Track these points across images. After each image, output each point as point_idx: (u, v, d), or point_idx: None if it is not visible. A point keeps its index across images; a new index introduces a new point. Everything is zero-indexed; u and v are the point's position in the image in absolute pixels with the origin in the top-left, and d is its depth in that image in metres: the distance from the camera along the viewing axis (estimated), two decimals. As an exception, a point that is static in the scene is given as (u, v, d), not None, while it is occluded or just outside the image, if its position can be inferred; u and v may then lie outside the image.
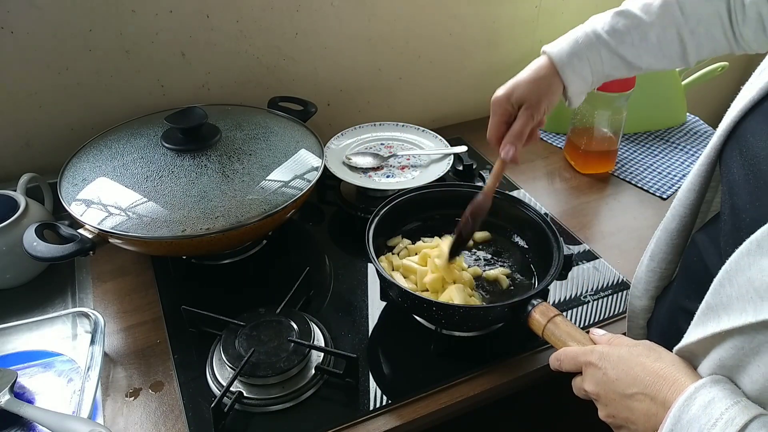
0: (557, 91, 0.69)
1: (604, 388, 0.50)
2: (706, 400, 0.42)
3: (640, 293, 0.64)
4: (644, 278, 0.63)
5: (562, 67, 0.68)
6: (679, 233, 0.58)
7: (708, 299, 0.45)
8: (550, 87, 0.69)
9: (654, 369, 0.47)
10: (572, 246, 0.89)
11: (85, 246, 0.70)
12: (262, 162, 0.80)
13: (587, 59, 0.68)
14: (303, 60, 1.04)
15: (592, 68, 0.68)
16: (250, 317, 0.70)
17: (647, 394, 0.46)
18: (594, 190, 1.03)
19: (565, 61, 0.68)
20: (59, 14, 0.85)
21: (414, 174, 0.95)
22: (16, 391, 0.64)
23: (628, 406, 0.47)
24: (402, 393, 0.66)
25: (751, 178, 0.45)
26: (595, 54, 0.68)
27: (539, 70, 0.69)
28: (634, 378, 0.47)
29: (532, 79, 0.69)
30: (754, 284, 0.40)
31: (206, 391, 0.66)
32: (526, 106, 0.68)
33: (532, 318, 0.63)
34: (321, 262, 0.87)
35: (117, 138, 0.84)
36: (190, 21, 0.93)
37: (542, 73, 0.69)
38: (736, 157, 0.48)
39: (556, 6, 1.20)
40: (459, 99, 1.24)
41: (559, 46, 0.69)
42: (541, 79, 0.68)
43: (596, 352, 0.51)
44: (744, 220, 0.44)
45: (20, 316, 0.74)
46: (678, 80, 1.15)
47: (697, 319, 0.46)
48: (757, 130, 0.47)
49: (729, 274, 0.43)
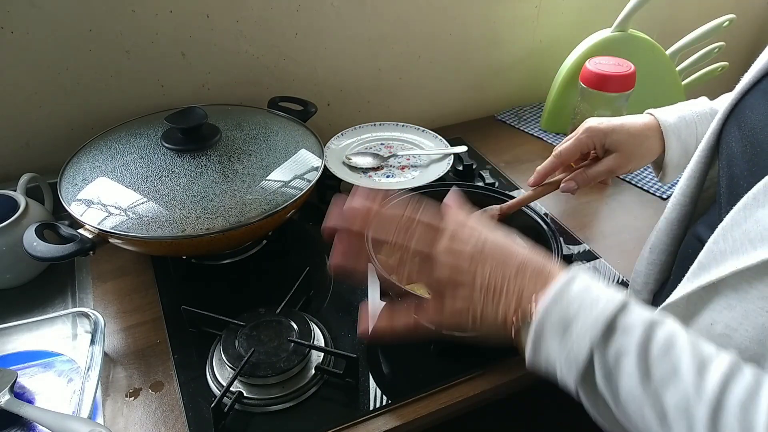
0: (652, 155, 0.67)
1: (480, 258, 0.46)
2: (584, 282, 0.43)
3: (640, 287, 0.64)
4: (644, 271, 0.63)
5: (666, 130, 0.65)
6: (679, 223, 0.58)
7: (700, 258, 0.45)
8: (647, 144, 0.66)
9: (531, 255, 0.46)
10: (572, 246, 0.89)
11: (85, 246, 0.70)
12: (262, 162, 0.80)
13: (695, 128, 0.65)
14: (303, 60, 1.04)
15: (698, 139, 0.64)
16: (250, 317, 0.70)
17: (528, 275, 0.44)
18: (594, 190, 1.03)
19: (671, 123, 0.65)
20: (59, 14, 0.85)
21: (414, 174, 0.95)
22: (16, 391, 0.64)
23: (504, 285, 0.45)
24: (402, 393, 0.66)
25: (749, 148, 0.46)
26: (704, 125, 0.65)
27: (644, 127, 0.66)
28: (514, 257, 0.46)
29: (633, 131, 0.66)
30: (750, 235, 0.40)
31: (206, 391, 0.66)
32: (617, 156, 0.66)
33: None
34: (321, 262, 0.87)
35: (117, 138, 0.84)
36: (190, 21, 0.93)
37: (645, 131, 0.66)
38: (735, 132, 0.49)
39: (556, 6, 1.20)
40: (459, 99, 1.24)
41: (667, 110, 0.67)
42: (640, 134, 0.66)
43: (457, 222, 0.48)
44: (741, 186, 0.44)
45: (20, 316, 0.74)
46: (678, 80, 1.15)
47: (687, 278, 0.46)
48: (756, 105, 0.48)
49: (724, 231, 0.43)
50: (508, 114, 1.26)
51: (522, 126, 1.22)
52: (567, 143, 0.69)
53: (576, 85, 1.03)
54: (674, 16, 1.35)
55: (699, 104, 0.68)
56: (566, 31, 1.24)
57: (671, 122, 0.66)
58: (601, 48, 1.08)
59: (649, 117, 0.67)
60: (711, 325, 0.44)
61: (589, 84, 0.99)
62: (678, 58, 1.15)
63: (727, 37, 1.15)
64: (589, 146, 0.68)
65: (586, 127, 0.68)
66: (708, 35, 1.11)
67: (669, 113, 0.67)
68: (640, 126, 0.66)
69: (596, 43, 1.09)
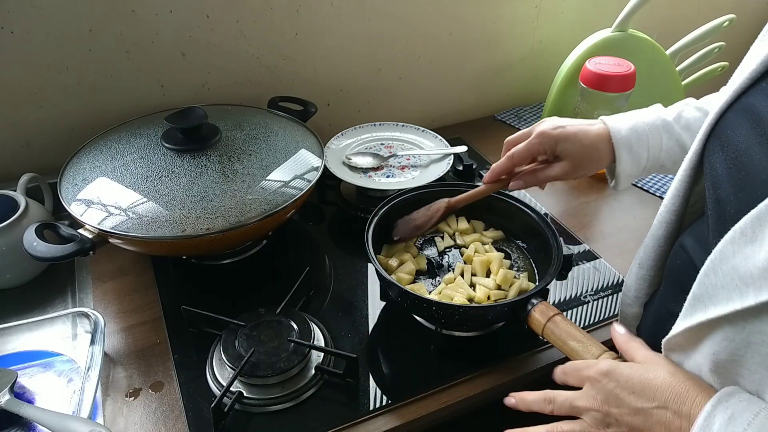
0: (602, 165, 0.67)
1: (616, 402, 0.49)
2: (726, 417, 0.42)
3: (631, 300, 0.64)
4: (634, 286, 0.63)
5: (617, 142, 0.65)
6: (666, 239, 0.58)
7: (694, 290, 0.45)
8: (596, 155, 0.66)
9: (673, 383, 0.47)
10: (572, 246, 0.89)
11: (85, 246, 0.70)
12: (262, 162, 0.80)
13: (647, 139, 0.65)
14: (303, 60, 1.04)
15: (649, 151, 0.66)
16: (250, 317, 0.70)
17: (670, 408, 0.46)
18: (594, 190, 1.03)
19: (623, 135, 0.65)
20: (59, 14, 0.85)
21: (414, 174, 0.95)
22: (16, 391, 0.64)
23: (646, 420, 0.47)
24: (402, 393, 0.66)
25: (734, 171, 0.46)
26: (655, 137, 0.65)
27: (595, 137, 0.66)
28: (653, 391, 0.47)
29: (585, 142, 0.66)
30: (738, 272, 0.40)
31: (206, 391, 0.66)
32: (566, 163, 0.67)
33: (532, 317, 0.63)
34: (321, 262, 0.87)
35: (117, 138, 0.84)
36: (190, 21, 0.93)
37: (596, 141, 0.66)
38: (718, 153, 0.49)
39: (556, 6, 1.20)
40: (459, 99, 1.24)
41: (620, 120, 0.67)
42: (591, 145, 0.66)
43: (603, 366, 0.50)
44: (728, 211, 0.45)
45: (20, 316, 0.74)
46: (678, 80, 1.15)
47: (685, 310, 0.46)
48: (736, 125, 0.48)
49: (714, 264, 0.43)
50: (508, 114, 1.26)
51: (522, 126, 1.22)
52: (520, 146, 0.70)
53: (576, 85, 1.03)
54: (674, 16, 1.35)
55: (650, 115, 0.67)
56: (566, 31, 1.24)
57: (623, 134, 0.66)
58: (601, 48, 1.08)
59: (602, 126, 0.67)
60: (714, 354, 0.44)
61: (589, 84, 0.99)
62: (678, 58, 1.15)
63: (727, 37, 1.15)
64: (540, 151, 0.68)
65: (539, 131, 0.68)
66: (708, 35, 1.11)
67: (621, 123, 0.67)
68: (592, 136, 0.66)
69: (596, 43, 1.09)
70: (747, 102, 0.48)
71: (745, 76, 0.49)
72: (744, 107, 0.48)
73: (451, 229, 0.83)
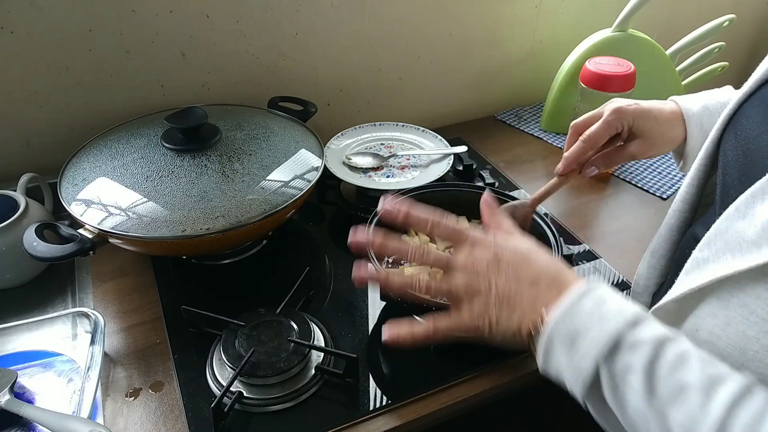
0: (674, 144, 0.66)
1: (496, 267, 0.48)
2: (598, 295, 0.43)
3: (641, 289, 0.64)
4: (645, 274, 0.63)
5: (689, 118, 0.65)
6: (678, 229, 0.59)
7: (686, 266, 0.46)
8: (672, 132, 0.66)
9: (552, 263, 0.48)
10: (572, 246, 0.89)
11: (85, 246, 0.70)
12: (262, 162, 0.80)
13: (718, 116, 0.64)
14: (303, 60, 1.04)
15: None
16: (250, 317, 0.70)
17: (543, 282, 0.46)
18: (594, 190, 1.03)
19: (695, 112, 0.65)
20: (59, 14, 0.85)
21: (414, 174, 0.95)
22: (16, 391, 0.64)
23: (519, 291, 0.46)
24: (402, 393, 0.66)
25: (741, 157, 0.47)
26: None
27: (670, 115, 0.66)
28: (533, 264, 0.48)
29: (661, 118, 0.65)
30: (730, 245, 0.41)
31: (206, 391, 0.66)
32: (641, 142, 0.66)
33: None
34: (321, 262, 0.87)
35: (117, 138, 0.84)
36: (190, 21, 0.93)
37: (672, 119, 0.65)
38: (731, 141, 0.50)
39: (556, 6, 1.20)
40: (459, 99, 1.24)
41: (691, 99, 0.66)
42: (667, 121, 0.65)
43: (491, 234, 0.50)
44: (732, 195, 0.45)
45: (20, 316, 0.74)
46: (678, 80, 1.15)
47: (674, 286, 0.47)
48: (752, 113, 0.48)
49: (708, 240, 0.44)
50: (508, 114, 1.26)
51: (522, 126, 1.22)
52: (596, 127, 0.67)
53: (576, 85, 1.03)
54: (674, 16, 1.35)
55: (723, 93, 0.67)
56: (566, 31, 1.24)
57: (694, 111, 0.65)
58: (601, 48, 1.08)
59: (674, 104, 0.67)
60: (696, 331, 0.45)
61: (589, 84, 0.99)
62: (678, 58, 1.15)
63: (727, 37, 1.15)
64: (618, 129, 0.66)
65: (615, 107, 0.66)
66: (708, 35, 1.11)
67: (693, 101, 0.66)
68: (666, 113, 0.66)
69: (596, 43, 1.09)
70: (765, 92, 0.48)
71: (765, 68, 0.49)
72: (761, 97, 0.48)
73: None
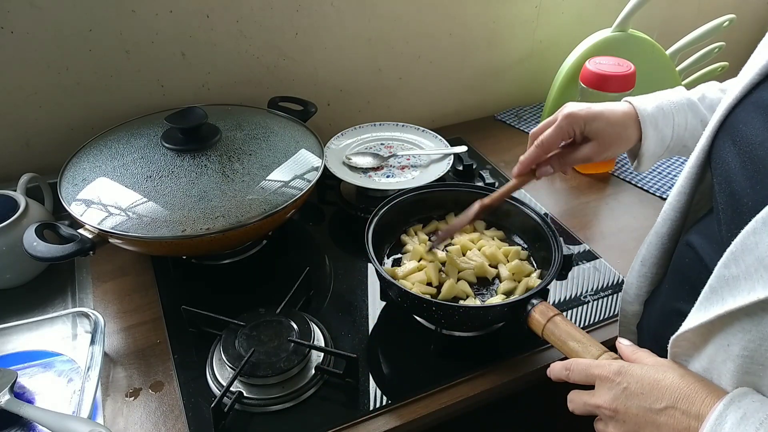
0: (629, 144, 0.67)
1: (624, 403, 0.48)
2: (738, 416, 0.41)
3: (632, 298, 0.64)
4: (635, 283, 0.63)
5: (644, 119, 0.65)
6: (669, 237, 0.59)
7: (711, 283, 0.44)
8: (624, 133, 0.66)
9: (682, 384, 0.46)
10: (572, 246, 0.89)
11: (85, 246, 0.70)
12: (262, 162, 0.80)
13: (672, 117, 0.65)
14: (303, 60, 1.04)
15: (674, 130, 0.66)
16: (250, 317, 0.70)
17: (678, 408, 0.45)
18: (594, 190, 1.03)
19: (649, 112, 0.65)
20: (59, 14, 0.85)
21: (414, 174, 0.95)
22: (16, 391, 0.64)
23: (654, 421, 0.46)
24: (402, 393, 0.66)
25: (748, 164, 0.46)
26: (680, 115, 0.65)
27: (623, 116, 0.66)
28: (662, 392, 0.47)
29: (613, 120, 0.66)
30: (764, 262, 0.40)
31: (206, 391, 0.66)
32: (595, 144, 0.66)
33: (532, 318, 0.63)
34: (321, 262, 0.87)
35: (117, 138, 0.84)
36: (190, 21, 0.93)
37: (625, 119, 0.66)
38: (729, 148, 0.49)
39: (556, 6, 1.20)
40: (459, 99, 1.24)
41: (645, 99, 0.67)
42: (619, 123, 0.66)
43: (615, 366, 0.50)
44: (746, 204, 0.44)
45: (20, 316, 0.74)
46: (678, 80, 1.15)
47: (699, 305, 0.46)
48: (748, 119, 0.47)
49: (735, 255, 0.42)
50: (508, 114, 1.26)
51: (522, 126, 1.22)
52: (548, 131, 0.68)
53: (576, 85, 1.03)
54: (674, 16, 1.35)
55: (676, 94, 0.68)
56: (566, 31, 1.24)
57: (649, 112, 0.66)
58: (601, 48, 1.08)
59: (628, 105, 0.67)
60: (728, 346, 0.44)
61: (589, 84, 0.99)
62: (678, 58, 1.15)
63: (727, 37, 1.15)
64: (570, 133, 0.67)
65: (566, 113, 0.67)
66: (708, 35, 1.11)
67: (647, 102, 0.67)
68: (619, 114, 0.66)
69: (596, 43, 1.09)
70: (759, 96, 0.48)
71: (755, 72, 0.49)
72: (756, 102, 0.48)
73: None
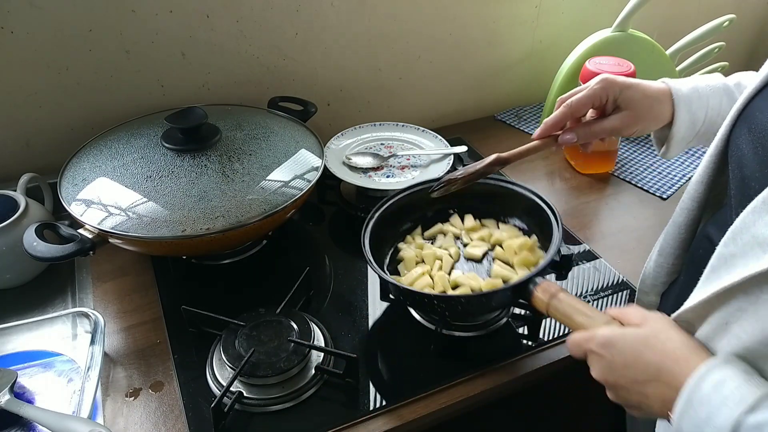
0: (660, 122, 0.65)
1: (612, 374, 0.49)
2: (717, 379, 0.42)
3: (648, 288, 0.64)
4: (652, 274, 0.63)
5: (678, 99, 0.64)
6: (686, 227, 0.59)
7: (711, 262, 0.45)
8: (658, 108, 0.64)
9: (665, 351, 0.46)
10: (572, 246, 0.89)
11: (85, 246, 0.70)
12: (262, 162, 0.80)
13: (707, 100, 0.64)
14: (303, 60, 1.04)
15: (707, 114, 0.64)
16: (250, 317, 0.70)
17: (660, 380, 0.46)
18: (594, 190, 1.03)
19: (684, 93, 0.64)
20: (59, 14, 0.85)
21: (414, 174, 0.95)
22: (16, 391, 0.64)
23: (640, 391, 0.47)
24: (402, 393, 0.66)
25: (760, 149, 0.46)
26: (715, 99, 0.64)
27: (658, 91, 0.64)
28: (645, 364, 0.47)
29: (648, 93, 0.64)
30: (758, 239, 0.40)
31: (206, 391, 0.66)
32: (627, 114, 0.64)
33: (535, 297, 0.61)
34: (321, 262, 0.87)
35: (117, 138, 0.84)
36: (190, 21, 0.93)
37: (659, 95, 0.64)
38: (745, 135, 0.49)
39: (556, 6, 1.20)
40: (459, 99, 1.24)
41: (680, 82, 0.65)
42: (653, 97, 0.64)
43: (601, 339, 0.50)
44: (753, 187, 0.45)
45: (20, 316, 0.74)
46: (678, 80, 1.15)
47: (700, 284, 0.46)
48: (765, 107, 0.48)
49: (733, 233, 0.43)
50: (508, 114, 1.26)
51: (522, 126, 1.22)
52: (580, 94, 0.65)
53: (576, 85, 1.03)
54: (674, 16, 1.35)
55: (712, 78, 0.66)
56: (566, 31, 1.24)
57: (684, 92, 0.64)
58: (601, 48, 1.08)
59: (663, 84, 0.66)
60: (725, 324, 0.44)
61: (589, 84, 0.98)
62: (678, 58, 1.15)
63: (727, 37, 1.15)
64: (602, 99, 0.64)
65: (602, 78, 0.64)
66: (708, 35, 1.11)
67: (683, 83, 0.65)
68: (654, 89, 0.64)
69: (596, 43, 1.09)
70: None
71: None
72: None
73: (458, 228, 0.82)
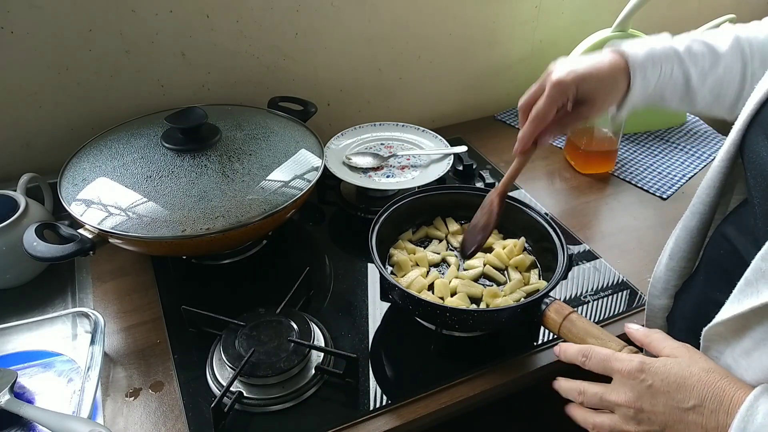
0: (619, 95, 0.65)
1: (650, 401, 0.47)
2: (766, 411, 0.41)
3: (659, 292, 0.64)
4: (663, 277, 0.63)
5: (634, 68, 0.63)
6: (698, 230, 0.59)
7: (747, 275, 0.44)
8: (616, 87, 0.64)
9: (709, 381, 0.45)
10: (572, 246, 0.89)
11: (85, 246, 0.70)
12: (262, 162, 0.80)
13: (660, 67, 0.64)
14: (303, 60, 1.04)
15: (659, 79, 0.64)
16: (250, 317, 0.70)
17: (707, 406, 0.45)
18: (594, 190, 1.03)
19: (640, 62, 0.64)
20: (59, 14, 0.85)
21: (414, 174, 0.95)
22: (16, 391, 0.64)
23: (682, 420, 0.46)
24: (402, 393, 0.66)
25: None
26: (668, 65, 0.64)
27: (610, 67, 0.64)
28: (689, 390, 0.46)
29: (602, 77, 0.63)
30: None
31: (206, 391, 0.66)
32: (590, 104, 0.64)
33: (547, 317, 0.63)
34: (321, 262, 0.87)
35: (117, 138, 0.84)
36: (190, 21, 0.93)
37: (614, 73, 0.64)
38: (763, 143, 0.49)
39: (556, 6, 1.20)
40: (459, 99, 1.24)
41: (635, 47, 0.65)
42: (609, 78, 0.64)
43: (636, 362, 0.49)
44: None
45: (20, 316, 0.74)
46: (678, 80, 1.15)
47: (733, 297, 0.46)
48: None
49: None
50: (508, 114, 1.26)
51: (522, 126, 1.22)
52: (540, 105, 0.66)
53: (576, 85, 1.03)
54: (674, 16, 1.35)
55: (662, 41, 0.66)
56: (566, 31, 1.24)
57: (640, 58, 0.64)
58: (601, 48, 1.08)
59: (613, 57, 0.65)
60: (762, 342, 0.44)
61: (589, 84, 0.98)
62: (678, 58, 1.15)
63: (727, 37, 1.15)
64: (562, 101, 0.65)
65: (554, 81, 0.64)
66: (708, 35, 1.11)
67: (637, 48, 0.65)
68: (607, 69, 0.64)
69: (596, 43, 1.09)
70: None
71: None
72: None
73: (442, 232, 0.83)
